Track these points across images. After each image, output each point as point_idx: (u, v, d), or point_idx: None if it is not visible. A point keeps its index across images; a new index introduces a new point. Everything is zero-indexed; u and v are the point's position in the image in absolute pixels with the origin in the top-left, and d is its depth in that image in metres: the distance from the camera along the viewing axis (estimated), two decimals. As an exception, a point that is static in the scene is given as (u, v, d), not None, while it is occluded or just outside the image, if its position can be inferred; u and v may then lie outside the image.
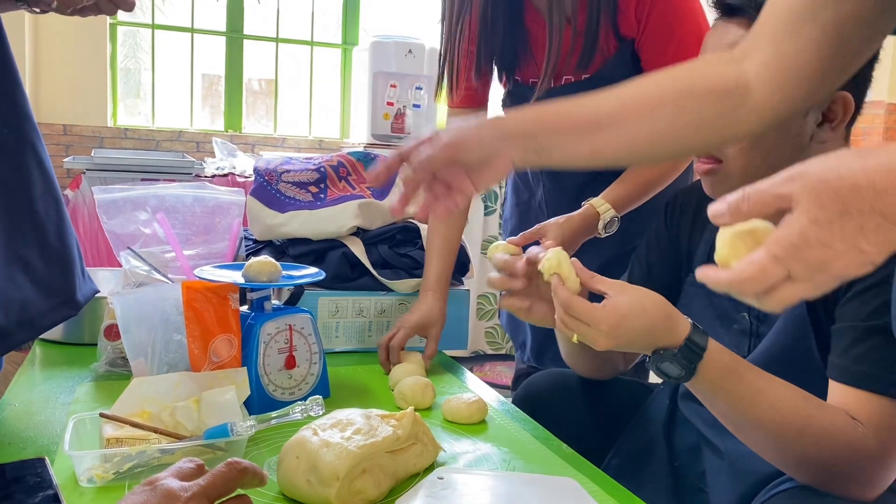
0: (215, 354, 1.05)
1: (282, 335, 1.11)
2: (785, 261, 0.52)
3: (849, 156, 0.51)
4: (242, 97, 3.92)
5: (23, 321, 1.01)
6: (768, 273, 0.53)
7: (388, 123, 3.38)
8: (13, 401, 1.09)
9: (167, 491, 0.58)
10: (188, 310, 1.04)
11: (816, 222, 0.51)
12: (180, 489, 0.58)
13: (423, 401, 1.12)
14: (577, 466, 0.97)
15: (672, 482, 1.14)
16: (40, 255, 1.04)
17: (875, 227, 0.49)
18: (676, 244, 1.18)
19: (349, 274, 1.41)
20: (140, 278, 1.25)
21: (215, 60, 3.92)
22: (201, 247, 1.38)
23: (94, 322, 1.32)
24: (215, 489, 0.60)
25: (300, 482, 0.80)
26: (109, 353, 1.21)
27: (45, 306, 1.04)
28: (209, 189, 1.41)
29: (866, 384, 0.81)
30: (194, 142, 3.73)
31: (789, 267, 0.52)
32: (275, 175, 1.48)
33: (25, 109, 1.05)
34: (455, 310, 1.47)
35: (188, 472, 0.62)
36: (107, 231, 1.26)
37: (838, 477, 0.82)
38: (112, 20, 3.65)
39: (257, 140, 3.86)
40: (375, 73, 3.34)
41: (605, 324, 0.84)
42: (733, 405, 0.85)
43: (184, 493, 0.58)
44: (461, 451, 0.99)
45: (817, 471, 0.84)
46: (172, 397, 0.95)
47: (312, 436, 0.83)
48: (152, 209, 1.31)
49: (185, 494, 0.58)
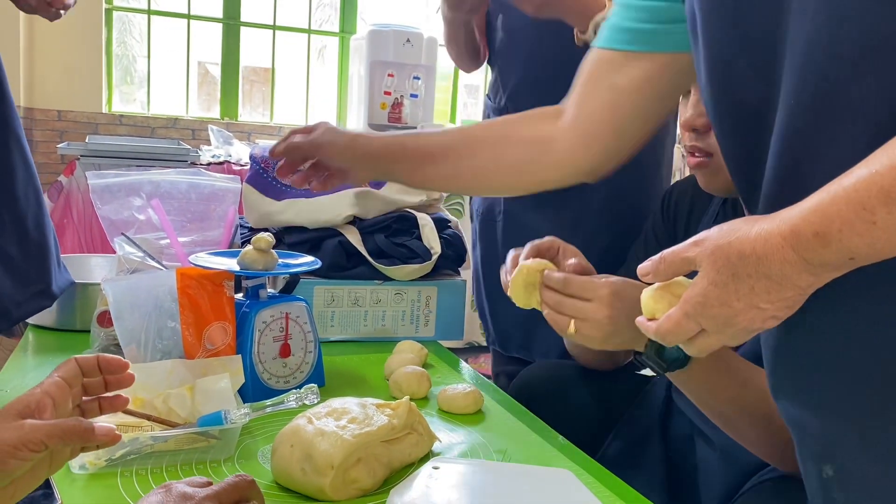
0: (210, 342, 1.04)
1: (277, 323, 1.10)
2: (695, 317, 0.59)
3: (741, 224, 0.57)
4: (239, 85, 3.90)
5: None
6: (683, 327, 0.61)
7: (385, 113, 3.36)
8: (4, 386, 1.08)
9: (182, 493, 0.60)
10: (182, 297, 1.03)
11: (714, 284, 0.57)
12: (194, 492, 0.61)
13: (418, 391, 1.11)
14: (573, 457, 0.96)
15: (666, 472, 1.15)
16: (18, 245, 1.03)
17: (765, 288, 0.55)
18: (673, 237, 1.19)
19: (345, 263, 1.40)
20: (134, 265, 1.24)
21: (212, 47, 3.89)
22: (196, 234, 1.37)
23: (86, 309, 1.31)
24: (226, 494, 0.62)
25: (294, 471, 0.80)
26: (102, 340, 1.20)
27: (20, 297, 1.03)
28: (205, 176, 1.39)
29: None
30: (190, 129, 3.71)
31: (700, 322, 0.60)
32: (270, 162, 1.47)
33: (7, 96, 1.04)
34: (451, 300, 1.47)
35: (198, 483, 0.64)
36: (100, 217, 1.24)
37: None
38: (108, 5, 3.62)
39: (253, 128, 3.84)
40: (373, 61, 3.32)
41: (606, 291, 0.84)
42: (720, 393, 0.86)
43: (198, 493, 0.60)
44: (457, 442, 0.98)
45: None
46: (166, 384, 0.94)
47: (307, 424, 0.82)
48: (147, 195, 1.30)
49: (200, 494, 0.60)
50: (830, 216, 0.50)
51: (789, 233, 0.52)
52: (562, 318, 0.86)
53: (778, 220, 0.54)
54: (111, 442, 0.60)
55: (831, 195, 0.50)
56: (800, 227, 0.52)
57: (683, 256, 0.60)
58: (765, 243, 0.54)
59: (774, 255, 0.53)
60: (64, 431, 0.56)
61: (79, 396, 0.64)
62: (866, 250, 0.50)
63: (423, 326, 1.46)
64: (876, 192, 0.47)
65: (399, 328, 1.44)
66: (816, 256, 0.52)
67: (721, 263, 0.56)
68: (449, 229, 1.53)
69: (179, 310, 1.03)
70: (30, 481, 0.59)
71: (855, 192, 0.49)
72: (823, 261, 0.52)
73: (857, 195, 0.48)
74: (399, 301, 1.43)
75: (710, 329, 0.59)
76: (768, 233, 0.54)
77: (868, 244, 0.49)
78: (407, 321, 1.45)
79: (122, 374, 0.66)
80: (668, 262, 0.62)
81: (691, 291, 0.59)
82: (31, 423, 0.56)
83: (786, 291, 0.54)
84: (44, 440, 0.55)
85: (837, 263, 0.52)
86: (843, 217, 0.49)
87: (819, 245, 0.51)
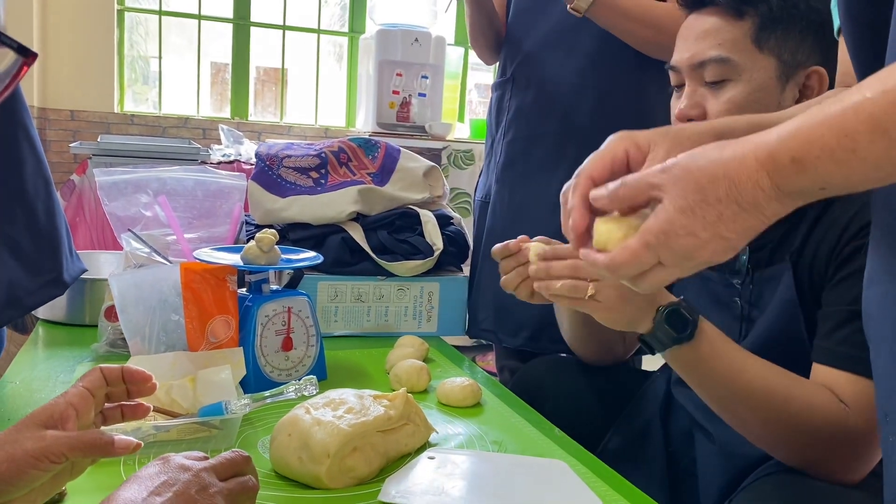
0: (213, 335, 1.06)
1: (279, 317, 1.12)
2: (656, 248, 0.55)
3: (711, 148, 0.54)
4: (249, 85, 3.93)
5: (10, 300, 1.03)
6: (641, 258, 0.56)
7: (394, 112, 3.38)
8: (14, 378, 1.11)
9: (180, 464, 0.61)
10: (186, 291, 1.06)
11: (681, 211, 0.53)
12: (191, 463, 0.61)
13: (417, 384, 1.13)
14: (569, 449, 0.98)
15: (666, 466, 1.16)
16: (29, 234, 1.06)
17: (732, 216, 0.52)
18: None
19: (348, 259, 1.42)
20: (140, 260, 1.26)
21: (223, 48, 3.93)
22: (203, 230, 1.39)
23: (95, 303, 1.33)
24: (223, 468, 0.62)
25: (292, 459, 0.82)
26: (110, 334, 1.23)
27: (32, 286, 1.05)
28: (211, 173, 1.42)
29: (850, 366, 0.82)
30: (200, 129, 3.74)
31: (659, 253, 0.55)
32: (276, 160, 1.49)
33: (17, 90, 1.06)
34: (453, 296, 1.48)
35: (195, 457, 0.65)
36: (108, 213, 1.27)
37: (822, 457, 0.83)
38: (119, 6, 3.66)
39: (264, 128, 3.86)
40: (381, 61, 3.34)
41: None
42: (719, 378, 0.86)
43: (196, 465, 0.61)
44: (454, 433, 1.00)
45: (801, 449, 0.84)
46: (169, 376, 0.96)
47: (305, 414, 0.84)
48: (154, 192, 1.32)
49: (198, 465, 0.61)
50: (811, 141, 0.47)
51: (766, 157, 0.50)
52: (581, 283, 0.86)
53: (753, 144, 0.51)
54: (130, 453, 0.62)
55: (816, 119, 0.47)
56: (777, 151, 0.49)
57: (648, 182, 0.56)
58: (739, 166, 0.51)
59: (748, 180, 0.51)
60: (85, 445, 0.58)
61: (101, 403, 0.66)
62: (840, 181, 0.47)
63: (426, 322, 1.48)
64: (864, 118, 0.45)
65: (402, 323, 1.46)
66: (790, 183, 0.49)
67: (690, 188, 0.53)
68: (452, 226, 1.55)
69: (183, 304, 1.05)
70: (50, 488, 0.61)
71: (842, 117, 0.46)
72: (796, 188, 0.50)
73: (843, 120, 0.46)
74: (402, 297, 1.45)
75: (669, 262, 0.56)
76: (743, 156, 0.51)
77: (844, 175, 0.47)
78: (409, 316, 1.47)
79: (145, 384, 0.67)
80: (630, 187, 0.58)
81: (653, 220, 0.55)
82: (54, 435, 0.58)
83: (752, 220, 0.52)
84: (65, 452, 0.57)
85: (808, 192, 0.50)
86: (823, 143, 0.47)
87: (795, 171, 0.49)
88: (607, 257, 0.58)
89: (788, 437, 0.85)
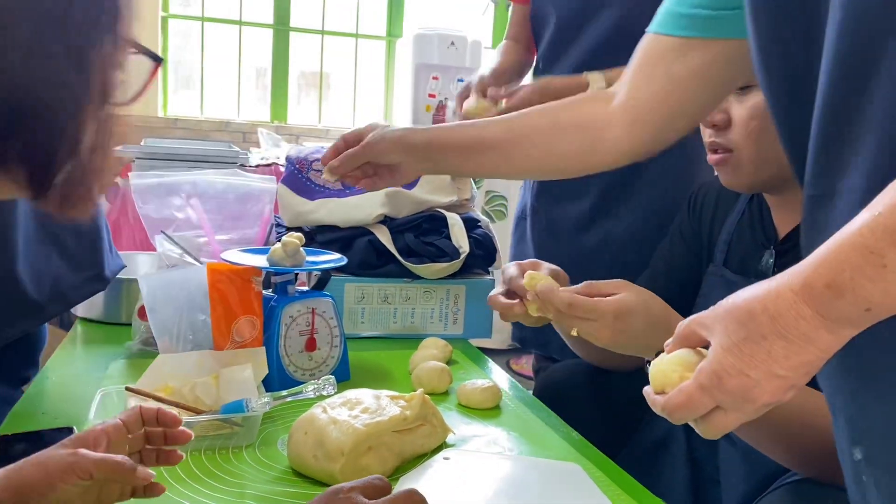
0: (238, 335, 1.09)
1: (303, 318, 1.14)
2: (710, 390, 0.54)
3: (752, 286, 0.54)
4: (288, 88, 4.00)
5: (55, 295, 1.07)
6: (695, 401, 0.56)
7: (430, 115, 3.41)
8: (50, 374, 1.15)
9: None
10: (213, 291, 1.08)
11: (727, 349, 0.53)
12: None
13: (438, 385, 1.14)
14: (586, 454, 0.98)
15: (689, 473, 1.15)
16: (72, 233, 1.10)
17: (783, 352, 0.51)
18: (699, 235, 1.19)
19: (375, 261, 1.44)
20: (173, 261, 1.30)
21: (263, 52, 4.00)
22: (233, 232, 1.42)
23: (131, 302, 1.37)
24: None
25: (307, 457, 0.83)
26: (143, 333, 1.26)
27: (76, 281, 1.10)
28: (241, 176, 1.45)
29: None
30: (241, 132, 3.82)
31: (715, 397, 0.55)
32: (305, 163, 1.52)
33: None
34: (480, 299, 1.49)
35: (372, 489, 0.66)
36: (142, 215, 1.31)
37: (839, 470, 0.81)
38: (164, 13, 3.76)
39: (302, 131, 3.92)
40: (418, 65, 3.37)
41: (610, 315, 0.84)
42: None
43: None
44: (471, 435, 1.01)
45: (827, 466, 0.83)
46: (194, 374, 0.99)
47: (321, 413, 0.86)
48: (186, 195, 1.36)
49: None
50: (840, 264, 0.48)
51: (800, 287, 0.50)
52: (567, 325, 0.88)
53: (788, 276, 0.51)
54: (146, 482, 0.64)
55: (837, 243, 0.48)
56: (811, 279, 0.50)
57: (698, 322, 0.58)
58: (776, 299, 0.51)
59: (788, 312, 0.50)
60: (109, 465, 0.61)
61: (140, 443, 0.69)
62: (881, 297, 0.47)
63: (452, 324, 1.49)
64: (881, 233, 0.46)
65: (428, 325, 1.47)
66: (832, 310, 0.49)
67: (732, 326, 0.53)
68: (479, 229, 1.55)
69: (210, 304, 1.08)
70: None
71: (860, 237, 0.47)
72: (840, 314, 0.49)
73: (863, 239, 0.47)
74: (428, 299, 1.46)
75: (727, 405, 0.55)
76: (778, 289, 0.51)
77: (882, 291, 0.47)
78: (436, 319, 1.48)
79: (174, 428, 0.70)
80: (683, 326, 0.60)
81: (706, 361, 0.55)
82: (83, 453, 0.61)
83: (805, 354, 0.51)
84: (90, 469, 0.60)
85: (854, 317, 0.49)
86: (852, 264, 0.47)
87: (832, 296, 0.49)
88: (664, 400, 0.58)
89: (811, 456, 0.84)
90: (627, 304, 0.85)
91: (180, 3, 3.90)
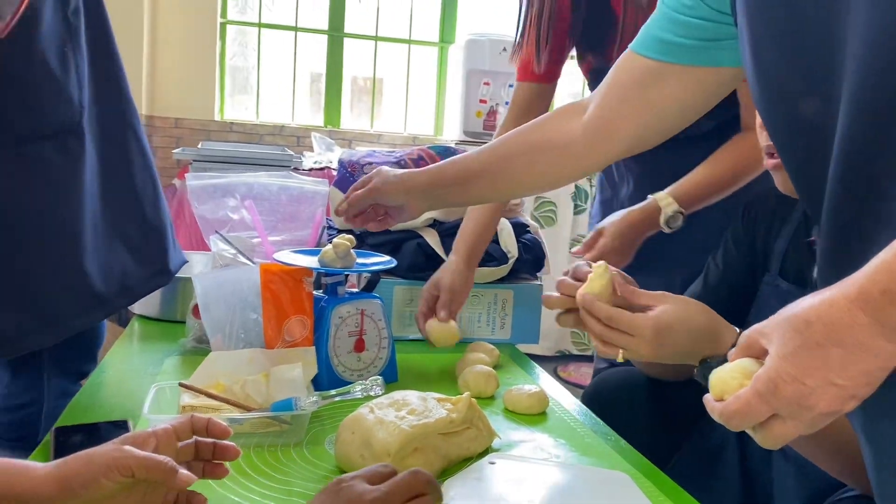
0: (289, 334, 1.10)
1: (353, 319, 1.15)
2: (767, 397, 0.54)
3: (810, 295, 0.54)
4: (342, 93, 4.04)
5: (122, 289, 1.11)
6: (753, 408, 0.56)
7: (481, 121, 3.41)
8: (108, 369, 1.19)
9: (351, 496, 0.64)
10: (265, 291, 1.10)
11: (783, 357, 0.53)
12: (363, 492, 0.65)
13: (485, 389, 1.14)
14: (634, 462, 0.96)
15: (742, 486, 1.12)
16: (138, 227, 1.14)
17: (840, 360, 0.51)
18: (753, 245, 1.17)
19: (424, 264, 1.44)
20: (227, 261, 1.32)
21: (318, 58, 4.06)
22: (286, 233, 1.44)
23: (186, 300, 1.41)
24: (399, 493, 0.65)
25: (354, 457, 0.84)
26: (196, 330, 1.29)
27: (141, 275, 1.13)
28: (295, 179, 1.47)
29: None
30: (295, 136, 3.88)
31: (772, 404, 0.55)
32: (357, 167, 1.54)
33: (127, 93, 1.15)
34: (527, 304, 1.48)
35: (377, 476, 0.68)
36: (197, 216, 1.34)
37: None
38: (222, 19, 3.84)
39: (355, 136, 3.96)
40: (469, 70, 3.37)
41: (649, 331, 0.83)
42: None
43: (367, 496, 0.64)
44: (517, 440, 1.00)
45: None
46: (245, 372, 1.01)
47: (369, 413, 0.86)
48: (241, 196, 1.38)
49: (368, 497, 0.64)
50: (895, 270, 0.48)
51: (856, 294, 0.50)
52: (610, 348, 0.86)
53: (844, 285, 0.51)
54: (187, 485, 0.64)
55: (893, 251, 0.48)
56: (866, 286, 0.50)
57: (759, 330, 0.58)
58: (830, 307, 0.51)
59: (843, 320, 0.50)
60: (150, 463, 0.61)
61: (189, 454, 0.69)
62: None
63: (500, 329, 1.48)
64: None
65: (475, 329, 1.47)
66: (888, 315, 0.49)
67: (789, 334, 0.53)
68: (528, 234, 1.55)
69: (262, 303, 1.10)
70: None
71: None
72: None
73: None
74: (476, 303, 1.46)
75: (784, 413, 0.55)
76: (833, 297, 0.51)
77: None
78: (483, 323, 1.48)
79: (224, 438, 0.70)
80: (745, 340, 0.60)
81: (763, 368, 0.56)
82: (129, 450, 0.62)
83: (863, 363, 0.51)
84: (132, 466, 0.60)
85: None
86: None
87: (888, 302, 0.48)
88: (721, 406, 0.59)
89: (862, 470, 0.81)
90: (666, 321, 0.83)
91: (238, 9, 3.99)
